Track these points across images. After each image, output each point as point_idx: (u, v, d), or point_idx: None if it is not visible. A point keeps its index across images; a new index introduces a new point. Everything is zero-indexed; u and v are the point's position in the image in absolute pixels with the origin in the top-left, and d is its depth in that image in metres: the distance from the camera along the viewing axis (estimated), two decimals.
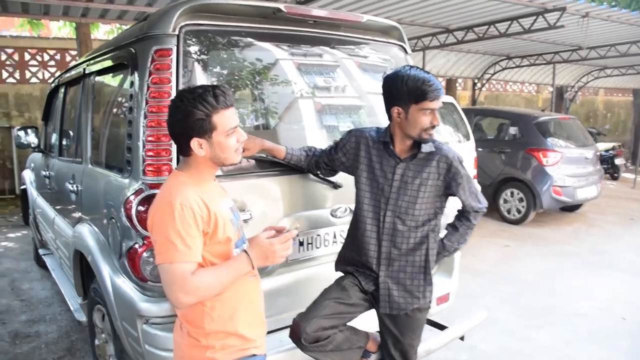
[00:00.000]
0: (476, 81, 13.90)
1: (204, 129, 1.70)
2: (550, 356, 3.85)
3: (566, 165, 7.99)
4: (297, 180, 2.62)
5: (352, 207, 2.70)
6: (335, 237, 2.78)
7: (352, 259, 2.47)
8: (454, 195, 2.34)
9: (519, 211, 8.21)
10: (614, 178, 13.11)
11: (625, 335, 4.24)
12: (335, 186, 2.71)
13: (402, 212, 2.31)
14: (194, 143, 1.70)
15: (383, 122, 2.58)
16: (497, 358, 3.80)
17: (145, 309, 2.21)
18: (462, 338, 3.10)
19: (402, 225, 2.32)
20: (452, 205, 2.46)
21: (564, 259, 6.35)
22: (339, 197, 2.75)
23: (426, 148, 2.30)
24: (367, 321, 2.52)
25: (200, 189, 1.75)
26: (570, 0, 6.25)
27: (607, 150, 12.93)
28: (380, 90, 2.33)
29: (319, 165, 2.55)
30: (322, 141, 2.78)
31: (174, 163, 2.22)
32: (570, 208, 8.93)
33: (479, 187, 2.39)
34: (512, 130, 8.48)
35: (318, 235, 2.71)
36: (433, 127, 2.23)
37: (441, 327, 3.09)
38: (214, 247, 1.75)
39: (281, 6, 2.46)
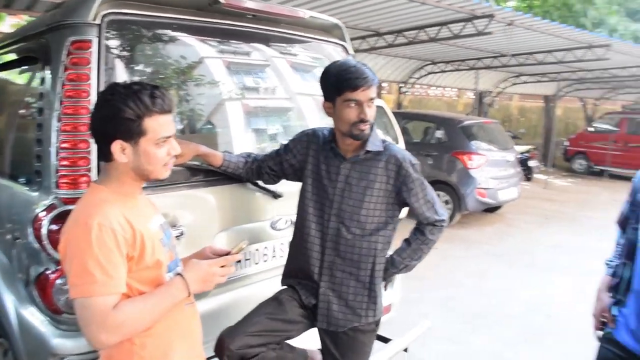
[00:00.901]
0: (402, 85, 14.12)
1: (130, 132, 1.46)
2: (488, 356, 3.86)
3: (489, 168, 8.21)
4: (234, 191, 2.38)
5: (293, 218, 2.51)
6: (275, 251, 2.57)
7: (295, 269, 2.27)
8: (407, 204, 2.16)
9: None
10: (528, 179, 13.74)
11: (552, 333, 4.36)
12: (275, 196, 2.50)
13: (346, 217, 2.12)
14: (116, 146, 1.46)
15: (322, 124, 2.42)
16: None
17: (59, 345, 1.89)
18: (405, 350, 3.00)
19: (347, 232, 2.12)
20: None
21: (490, 259, 6.50)
22: (279, 208, 2.54)
23: (372, 147, 2.11)
24: (310, 340, 2.32)
25: (124, 206, 1.50)
26: (498, 8, 6.40)
27: (522, 153, 13.55)
28: (320, 92, 2.17)
29: (261, 171, 2.32)
30: (255, 145, 2.58)
31: (93, 174, 1.91)
32: (491, 209, 9.21)
33: (435, 196, 2.19)
34: (438, 133, 8.62)
35: (257, 250, 2.48)
36: (362, 121, 2.02)
37: (385, 340, 2.96)
38: (141, 273, 1.50)
39: None
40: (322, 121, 3.03)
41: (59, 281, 1.89)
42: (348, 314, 2.16)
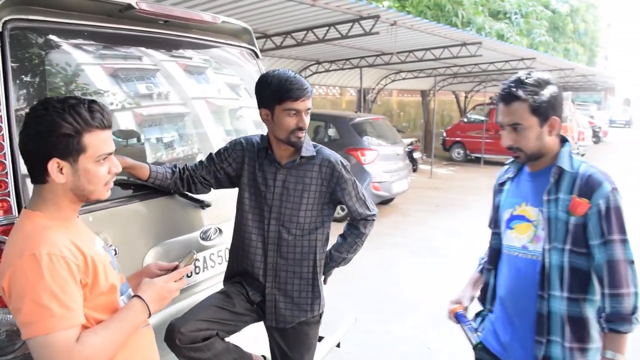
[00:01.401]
0: None
1: (69, 149, 1.35)
2: (411, 343, 4.05)
3: (382, 162, 8.58)
4: (162, 203, 2.28)
5: (222, 227, 2.49)
6: (206, 262, 2.50)
7: (239, 272, 2.30)
8: (341, 203, 2.25)
9: (342, 209, 8.58)
10: (414, 170, 14.54)
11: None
12: (204, 206, 2.44)
13: (286, 220, 2.21)
14: (53, 165, 1.35)
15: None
16: (364, 356, 3.86)
17: None
18: (338, 345, 3.07)
19: (288, 234, 2.21)
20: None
21: (391, 250, 6.79)
22: (208, 218, 2.48)
23: (306, 152, 2.21)
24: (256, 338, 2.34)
25: (67, 230, 1.40)
26: (383, 9, 6.70)
27: (407, 146, 14.32)
28: (228, 97, 2.23)
29: (192, 181, 2.27)
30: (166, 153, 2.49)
31: (12, 199, 1.73)
32: (385, 201, 9.64)
33: (365, 193, 2.33)
34: (330, 131, 8.85)
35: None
36: (300, 129, 2.13)
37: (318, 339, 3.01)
38: (97, 300, 1.40)
39: (133, 2, 2.10)
40: (234, 124, 3.03)
41: None
42: (295, 311, 2.25)
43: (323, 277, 2.36)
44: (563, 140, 1.85)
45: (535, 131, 1.76)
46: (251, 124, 3.03)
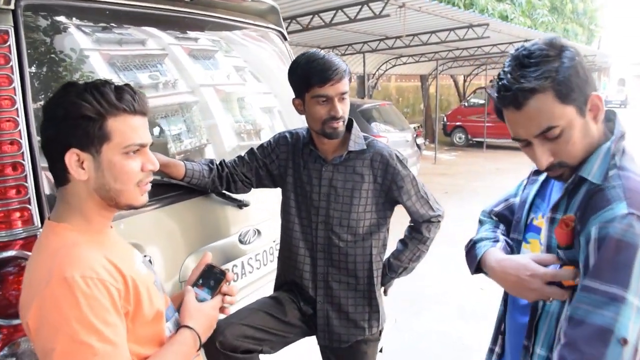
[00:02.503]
0: None
1: (89, 136, 1.10)
2: (438, 337, 3.83)
3: None
4: (198, 204, 2.03)
5: (260, 228, 2.24)
6: (244, 267, 2.24)
7: (288, 283, 2.05)
8: (398, 203, 1.98)
9: None
10: None
11: (488, 305, 4.45)
12: (241, 205, 2.18)
13: (335, 223, 1.93)
14: (72, 157, 1.10)
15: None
16: (404, 356, 3.66)
17: None
18: (381, 350, 2.84)
19: (339, 240, 1.93)
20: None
21: None
22: (245, 219, 2.23)
23: (355, 146, 1.91)
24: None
25: (102, 246, 1.14)
26: None
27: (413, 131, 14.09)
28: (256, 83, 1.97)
29: (232, 179, 2.01)
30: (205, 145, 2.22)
31: (35, 208, 1.47)
32: None
33: (428, 190, 2.02)
34: None
35: (227, 270, 2.14)
36: (334, 118, 1.81)
37: None
38: (140, 331, 1.15)
39: None
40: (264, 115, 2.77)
41: None
42: (351, 328, 1.98)
43: (382, 289, 2.08)
44: (608, 125, 1.24)
45: (578, 126, 1.15)
46: (277, 115, 2.78)
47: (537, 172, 1.42)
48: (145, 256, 1.71)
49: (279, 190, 2.10)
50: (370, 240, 1.96)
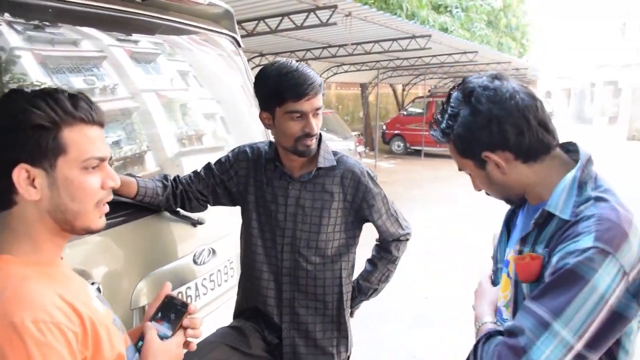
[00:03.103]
0: None
1: (42, 149, 0.96)
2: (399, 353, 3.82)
3: None
4: (149, 224, 1.87)
5: (214, 247, 2.11)
6: (198, 289, 2.09)
7: (250, 309, 1.91)
8: (368, 221, 1.89)
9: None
10: None
11: (435, 313, 4.48)
12: (195, 224, 2.03)
13: (302, 245, 1.81)
14: (20, 174, 0.95)
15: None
16: None
17: None
18: None
19: (306, 263, 1.81)
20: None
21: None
22: (200, 237, 2.08)
23: (324, 162, 1.80)
24: None
25: (53, 280, 1.00)
26: None
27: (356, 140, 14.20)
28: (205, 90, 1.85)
29: (187, 197, 1.87)
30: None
31: None
32: None
33: (397, 208, 1.96)
34: None
35: (179, 294, 1.99)
36: (308, 135, 1.70)
37: None
38: None
39: None
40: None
41: None
42: (319, 355, 1.87)
43: (350, 310, 1.98)
44: (575, 158, 1.19)
45: (480, 176, 1.23)
46: (230, 124, 2.65)
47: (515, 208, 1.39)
48: (92, 284, 1.55)
49: (235, 207, 1.98)
50: (339, 262, 1.86)
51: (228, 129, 2.70)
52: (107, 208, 1.09)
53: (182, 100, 2.47)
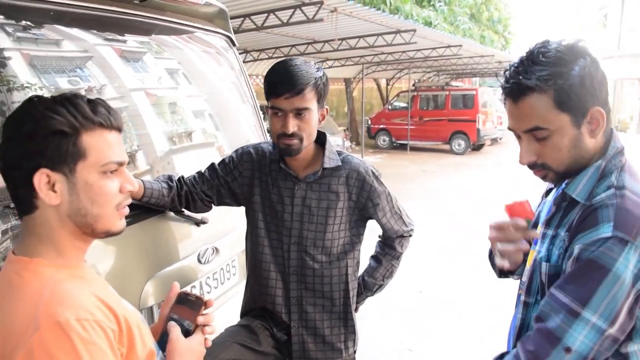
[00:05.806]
0: None
1: (62, 154, 0.97)
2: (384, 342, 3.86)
3: None
4: (155, 225, 1.88)
5: (218, 246, 2.12)
6: (202, 288, 2.11)
7: (256, 308, 1.94)
8: (372, 219, 1.93)
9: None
10: None
11: (427, 307, 4.53)
12: (199, 223, 2.05)
13: (309, 244, 1.83)
14: (41, 179, 0.97)
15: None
16: None
17: None
18: None
19: (313, 262, 1.84)
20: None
21: None
22: (203, 236, 2.10)
23: (330, 162, 1.82)
24: None
25: (85, 281, 1.02)
26: None
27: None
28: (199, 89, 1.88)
29: (192, 198, 1.89)
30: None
31: None
32: None
33: (400, 205, 1.99)
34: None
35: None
36: (284, 134, 1.69)
37: None
38: None
39: None
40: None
41: None
42: (327, 352, 1.90)
43: (355, 306, 2.02)
44: (608, 140, 1.21)
45: (568, 135, 1.15)
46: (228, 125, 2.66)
47: (548, 192, 1.43)
48: None
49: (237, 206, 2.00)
50: (345, 260, 1.89)
51: (224, 127, 2.71)
52: (127, 210, 1.11)
53: (178, 99, 2.47)
